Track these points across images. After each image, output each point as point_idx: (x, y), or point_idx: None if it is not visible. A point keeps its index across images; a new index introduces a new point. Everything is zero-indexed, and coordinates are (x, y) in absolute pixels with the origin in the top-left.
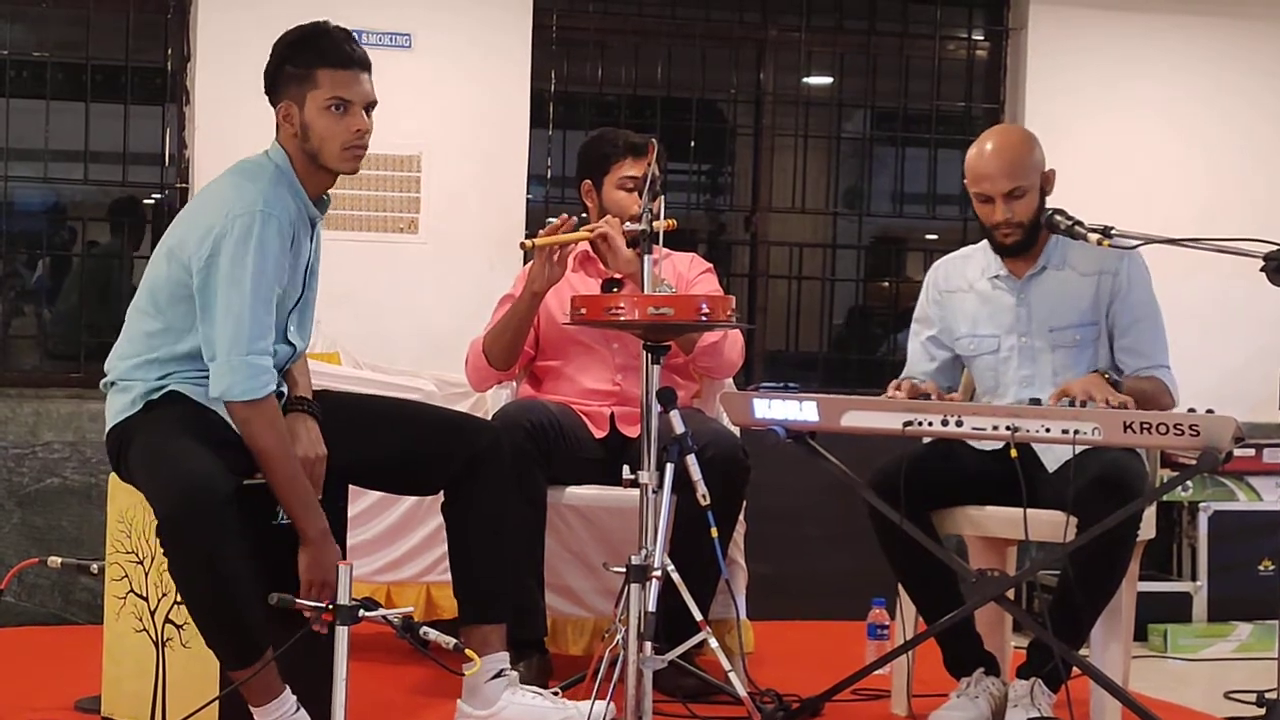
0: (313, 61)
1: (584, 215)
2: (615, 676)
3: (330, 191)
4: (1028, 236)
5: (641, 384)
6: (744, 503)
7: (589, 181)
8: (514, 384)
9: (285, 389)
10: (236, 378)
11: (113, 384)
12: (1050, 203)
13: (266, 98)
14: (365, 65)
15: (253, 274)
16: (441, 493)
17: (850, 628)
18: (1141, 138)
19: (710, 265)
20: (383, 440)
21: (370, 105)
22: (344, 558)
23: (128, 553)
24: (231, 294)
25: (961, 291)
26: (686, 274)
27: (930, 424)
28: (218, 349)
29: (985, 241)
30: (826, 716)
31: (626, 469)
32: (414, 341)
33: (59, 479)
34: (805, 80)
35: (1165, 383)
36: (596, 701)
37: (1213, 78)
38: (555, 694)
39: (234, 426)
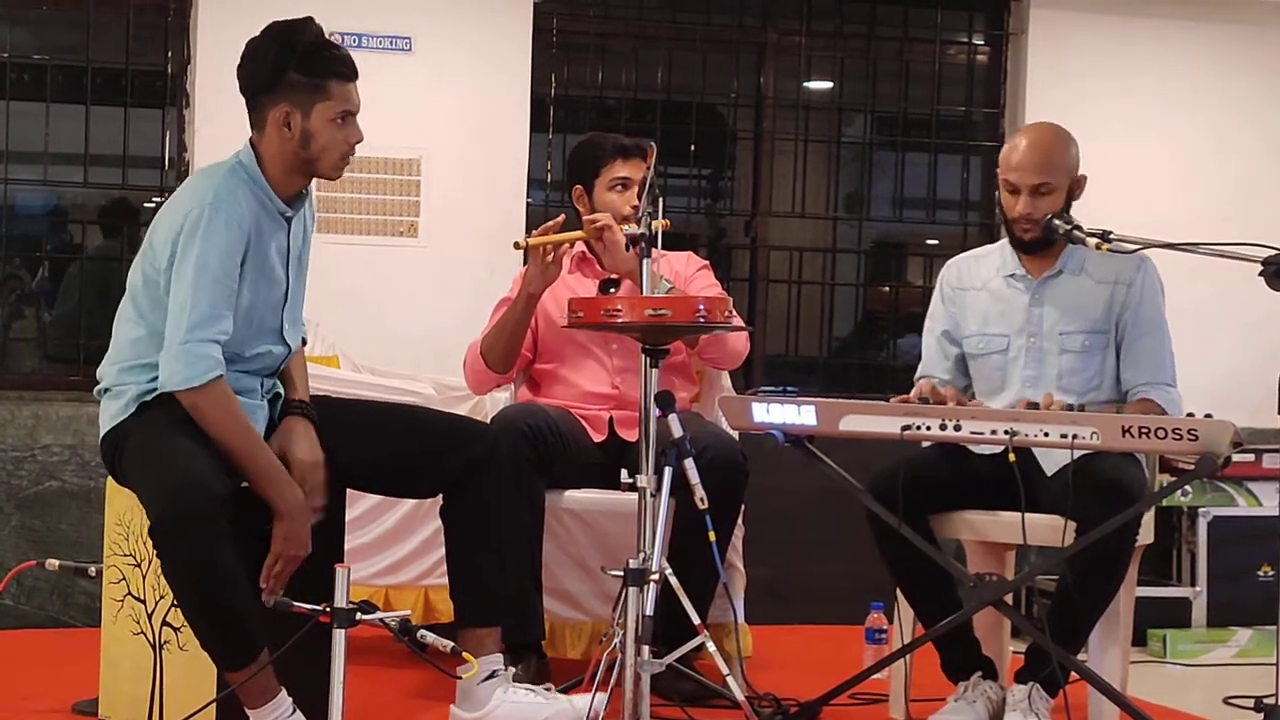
0: (324, 72)
1: (576, 218)
2: (613, 680)
3: (330, 195)
4: (1045, 236)
5: (640, 387)
6: (742, 506)
7: (580, 186)
8: (513, 387)
9: (283, 391)
10: (177, 365)
11: (106, 390)
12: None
13: (251, 94)
14: (357, 73)
15: (196, 262)
16: (440, 496)
17: (848, 632)
18: (1142, 141)
19: (705, 261)
20: (381, 443)
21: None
22: (342, 560)
23: (125, 555)
24: (178, 285)
25: (974, 290)
26: (684, 271)
27: (929, 428)
28: (165, 339)
29: (1004, 240)
30: None
31: (625, 473)
32: (413, 345)
33: (57, 482)
34: (805, 85)
35: (1158, 404)
36: (597, 694)
37: (1214, 82)
38: (547, 688)
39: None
